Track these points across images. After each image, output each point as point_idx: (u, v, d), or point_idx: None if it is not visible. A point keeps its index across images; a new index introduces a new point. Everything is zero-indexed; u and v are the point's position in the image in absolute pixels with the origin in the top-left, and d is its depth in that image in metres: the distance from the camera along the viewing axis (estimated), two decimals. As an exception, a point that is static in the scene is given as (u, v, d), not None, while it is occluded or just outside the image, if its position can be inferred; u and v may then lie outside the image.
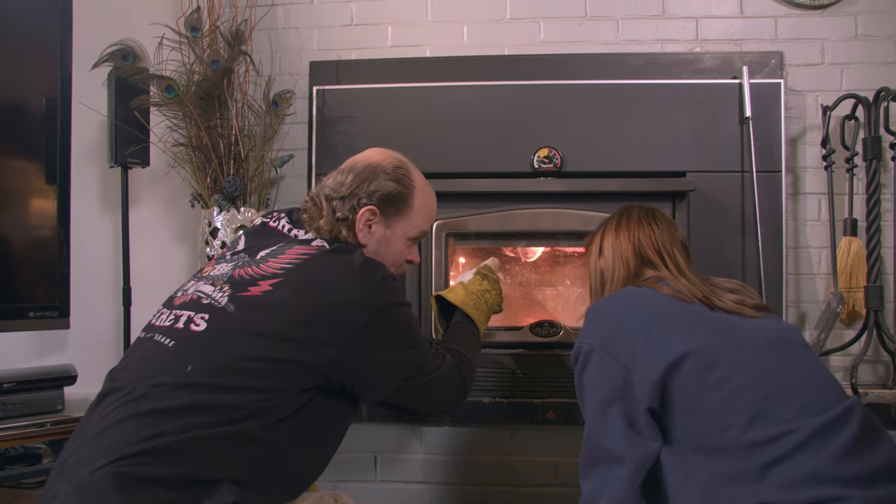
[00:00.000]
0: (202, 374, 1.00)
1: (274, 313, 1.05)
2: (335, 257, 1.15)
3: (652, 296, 1.17)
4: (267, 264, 1.13)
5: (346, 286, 1.10)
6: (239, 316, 1.05)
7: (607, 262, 1.31)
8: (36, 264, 1.64)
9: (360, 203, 1.24)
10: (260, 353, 1.02)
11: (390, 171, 1.27)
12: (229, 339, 1.03)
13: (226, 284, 1.11)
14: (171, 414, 0.95)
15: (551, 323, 1.98)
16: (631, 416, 1.08)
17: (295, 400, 1.04)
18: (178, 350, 1.04)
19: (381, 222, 1.27)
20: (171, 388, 0.98)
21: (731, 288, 1.22)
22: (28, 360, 1.78)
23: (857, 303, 2.03)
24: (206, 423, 0.96)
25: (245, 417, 0.98)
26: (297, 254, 1.14)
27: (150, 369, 1.02)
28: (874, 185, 1.98)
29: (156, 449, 0.92)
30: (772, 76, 2.08)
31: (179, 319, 1.08)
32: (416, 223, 1.32)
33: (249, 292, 1.08)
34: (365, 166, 1.28)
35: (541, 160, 2.06)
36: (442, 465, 1.99)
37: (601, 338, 1.14)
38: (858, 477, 0.94)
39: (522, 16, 2.23)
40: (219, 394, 0.98)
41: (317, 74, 2.20)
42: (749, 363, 1.05)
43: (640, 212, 1.35)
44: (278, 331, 1.04)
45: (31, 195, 1.63)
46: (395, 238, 1.30)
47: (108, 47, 1.85)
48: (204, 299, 1.10)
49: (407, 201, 1.29)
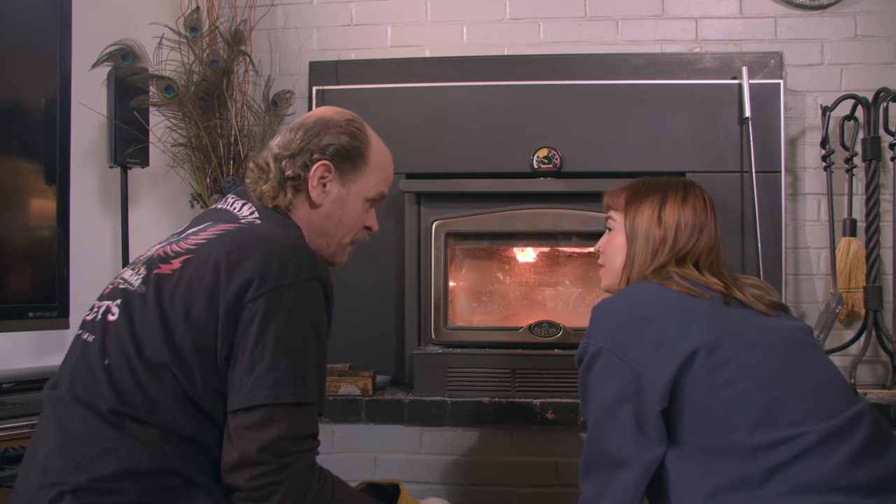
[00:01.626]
0: (118, 368, 0.93)
1: (181, 293, 0.95)
2: (261, 229, 1.07)
3: (663, 293, 1.11)
4: (187, 241, 1.03)
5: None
6: (147, 296, 0.97)
7: (668, 233, 1.18)
8: (35, 264, 1.64)
9: (312, 159, 1.13)
10: (174, 339, 0.93)
11: (343, 125, 1.16)
12: (140, 323, 0.95)
13: (143, 266, 1.02)
14: (105, 429, 0.90)
15: (551, 323, 1.98)
16: (640, 418, 1.04)
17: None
18: (96, 344, 0.97)
19: (336, 180, 1.15)
20: (96, 396, 0.92)
21: (752, 283, 1.18)
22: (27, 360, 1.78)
23: (856, 303, 2.03)
24: (140, 431, 0.90)
25: (177, 415, 0.92)
26: (219, 228, 1.04)
27: (76, 373, 0.96)
28: (873, 185, 1.98)
29: (107, 477, 0.87)
30: (771, 76, 2.08)
31: (99, 311, 1.01)
32: (374, 181, 1.20)
33: (161, 269, 0.99)
34: (315, 120, 1.17)
35: (540, 160, 2.06)
36: (441, 466, 1.99)
37: (609, 339, 1.09)
38: (864, 485, 0.91)
39: (522, 16, 2.23)
40: (138, 393, 0.92)
41: (316, 74, 2.20)
42: (759, 363, 1.02)
43: (704, 195, 1.23)
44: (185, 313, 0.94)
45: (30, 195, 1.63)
46: (352, 198, 1.17)
47: (107, 47, 1.85)
48: (121, 285, 1.02)
49: (363, 157, 1.17)
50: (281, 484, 0.90)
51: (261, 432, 0.90)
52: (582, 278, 2.18)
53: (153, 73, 1.92)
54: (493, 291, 2.21)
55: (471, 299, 2.20)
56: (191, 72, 1.99)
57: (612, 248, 1.27)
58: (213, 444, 0.94)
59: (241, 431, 0.91)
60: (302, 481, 0.93)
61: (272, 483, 0.90)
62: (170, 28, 1.98)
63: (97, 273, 2.01)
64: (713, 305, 1.09)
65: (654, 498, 1.10)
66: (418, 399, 1.89)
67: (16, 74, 1.61)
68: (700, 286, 1.12)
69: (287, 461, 0.91)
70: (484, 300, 2.20)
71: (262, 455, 0.90)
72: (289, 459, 0.92)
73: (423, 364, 1.93)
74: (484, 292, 2.21)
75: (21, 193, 1.61)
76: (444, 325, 2.04)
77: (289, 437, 0.91)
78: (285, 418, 0.91)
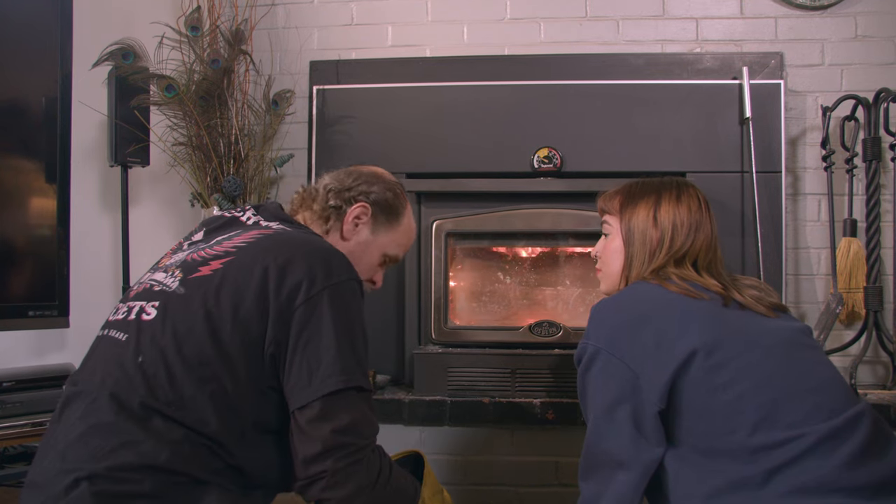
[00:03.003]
0: (153, 365, 0.96)
1: (227, 292, 1.00)
2: (298, 234, 1.13)
3: (661, 294, 1.11)
4: (220, 245, 1.09)
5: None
6: (189, 297, 1.01)
7: (665, 234, 1.19)
8: (35, 263, 1.64)
9: (356, 199, 1.26)
10: (221, 336, 0.97)
11: (391, 184, 1.31)
12: (182, 323, 0.99)
13: (178, 269, 1.07)
14: (131, 424, 0.92)
15: (551, 323, 1.98)
16: (639, 419, 1.04)
17: (260, 395, 1.00)
18: (130, 342, 0.99)
19: (368, 224, 1.28)
20: (127, 391, 0.94)
21: (751, 285, 1.18)
22: (27, 359, 1.78)
23: (856, 303, 2.03)
24: (166, 428, 0.93)
25: (207, 412, 0.94)
26: (253, 234, 1.11)
27: (106, 369, 0.99)
28: (874, 185, 1.98)
29: (124, 467, 0.89)
30: (772, 77, 2.08)
31: (132, 311, 1.04)
32: (397, 242, 1.33)
33: (200, 272, 1.03)
34: (368, 172, 1.32)
35: (541, 160, 2.06)
36: (442, 465, 1.99)
37: (608, 339, 1.08)
38: (865, 486, 0.91)
39: (522, 16, 2.23)
40: (171, 389, 0.94)
41: (317, 74, 2.20)
42: (758, 364, 1.01)
43: (699, 194, 1.23)
44: (227, 309, 0.99)
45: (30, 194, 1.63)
46: (375, 246, 1.30)
47: (108, 46, 1.85)
48: (155, 287, 1.06)
49: (397, 216, 1.31)
50: (362, 462, 0.99)
51: (337, 418, 0.97)
52: (582, 278, 2.18)
53: (154, 73, 1.92)
54: (494, 291, 2.21)
55: (471, 299, 2.20)
56: (191, 71, 1.99)
57: (609, 253, 1.27)
58: (234, 445, 0.97)
59: (316, 423, 0.97)
60: (376, 459, 1.02)
61: (355, 462, 0.98)
62: (171, 27, 1.98)
63: (97, 272, 2.01)
64: (712, 306, 1.09)
65: (654, 499, 1.09)
66: (418, 399, 1.89)
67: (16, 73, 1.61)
68: (699, 287, 1.12)
69: (364, 443, 1.00)
70: (484, 300, 2.20)
71: (341, 437, 0.97)
72: (365, 441, 1.01)
73: (423, 364, 1.93)
74: (484, 292, 2.21)
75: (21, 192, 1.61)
76: (444, 324, 2.04)
77: (362, 418, 1.00)
78: (357, 402, 1.00)
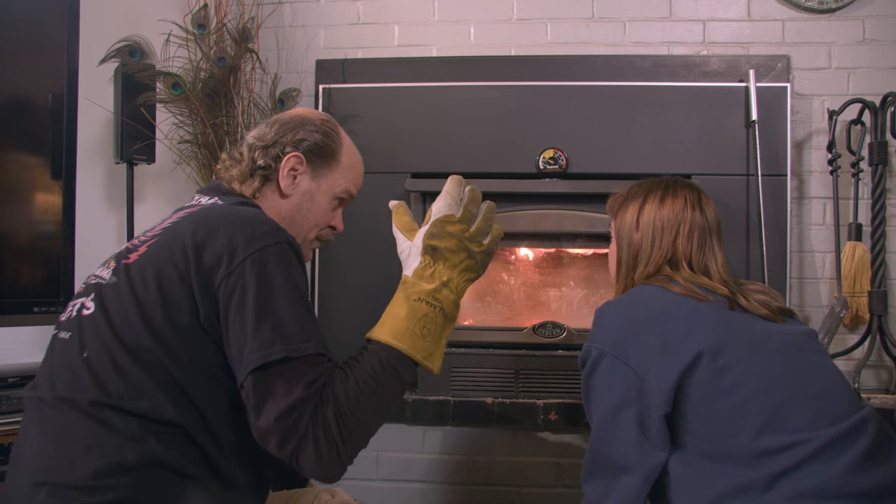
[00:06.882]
0: (98, 359, 0.93)
1: (152, 275, 0.96)
2: (224, 207, 1.08)
3: (665, 296, 1.10)
4: (153, 231, 1.05)
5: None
6: (119, 285, 0.97)
7: (645, 237, 1.19)
8: (41, 259, 1.64)
9: (284, 151, 1.17)
10: (154, 321, 0.93)
11: (318, 124, 1.21)
12: (116, 312, 0.95)
13: (112, 260, 1.04)
14: (85, 424, 0.90)
15: (555, 324, 1.98)
16: (644, 422, 1.03)
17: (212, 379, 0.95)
18: (74, 340, 0.97)
19: (306, 173, 1.19)
20: (76, 390, 0.92)
21: (757, 289, 1.17)
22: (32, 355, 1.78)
23: (860, 307, 2.02)
24: (121, 421, 0.90)
25: (159, 399, 0.91)
26: (181, 213, 1.06)
27: (55, 371, 0.96)
28: (879, 190, 1.98)
29: (96, 474, 0.87)
30: (778, 80, 2.08)
31: (74, 308, 1.02)
32: (344, 180, 1.23)
33: (129, 259, 1.00)
34: (292, 117, 1.21)
35: (546, 161, 2.06)
36: (444, 465, 1.99)
37: (612, 342, 1.08)
38: (868, 492, 0.91)
39: (529, 16, 2.23)
40: (120, 380, 0.91)
41: (323, 73, 2.20)
42: (762, 368, 1.01)
43: (687, 192, 1.21)
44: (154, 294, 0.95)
45: (36, 190, 1.63)
46: (321, 193, 1.21)
47: (115, 44, 1.85)
48: (92, 280, 1.03)
49: (335, 155, 1.21)
50: (309, 426, 0.90)
51: (271, 396, 0.90)
52: (587, 279, 2.18)
53: (160, 70, 1.93)
54: (498, 292, 2.21)
55: (475, 299, 2.20)
56: (198, 69, 1.99)
57: (609, 256, 1.30)
58: (200, 433, 0.94)
59: (253, 404, 0.91)
60: (318, 418, 0.91)
61: (304, 434, 0.89)
62: (177, 25, 1.98)
63: (102, 269, 2.02)
64: (717, 309, 1.08)
65: (657, 503, 1.09)
66: (421, 398, 1.89)
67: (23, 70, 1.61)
68: (704, 289, 1.11)
69: (305, 406, 0.90)
70: (488, 300, 2.20)
71: (283, 420, 0.89)
72: (305, 404, 0.90)
73: (426, 363, 1.93)
74: (488, 292, 2.21)
75: (27, 188, 1.62)
76: (447, 324, 2.04)
77: (296, 385, 0.91)
78: (281, 376, 0.91)
